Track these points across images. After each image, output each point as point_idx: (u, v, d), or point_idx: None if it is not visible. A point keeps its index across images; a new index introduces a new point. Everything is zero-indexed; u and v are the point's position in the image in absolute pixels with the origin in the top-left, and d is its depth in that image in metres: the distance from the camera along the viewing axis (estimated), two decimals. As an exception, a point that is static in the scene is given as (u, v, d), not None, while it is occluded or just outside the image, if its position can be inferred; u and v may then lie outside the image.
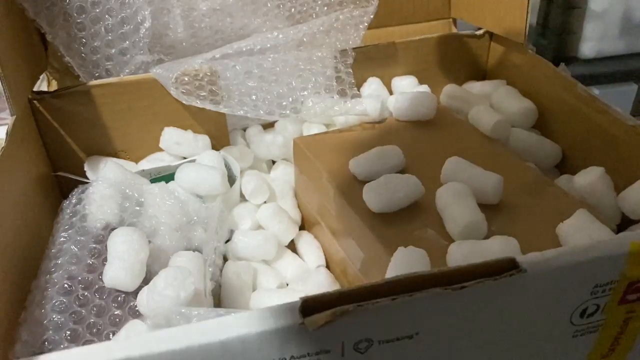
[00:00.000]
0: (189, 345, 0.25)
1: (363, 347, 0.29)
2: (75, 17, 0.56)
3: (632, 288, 0.32)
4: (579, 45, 1.06)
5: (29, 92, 0.55)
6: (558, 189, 0.47)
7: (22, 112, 0.51)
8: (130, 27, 0.58)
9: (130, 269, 0.41)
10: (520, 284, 0.29)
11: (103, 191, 0.48)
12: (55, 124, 0.56)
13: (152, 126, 0.59)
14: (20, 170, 0.48)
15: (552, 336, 0.33)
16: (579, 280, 0.31)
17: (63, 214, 0.49)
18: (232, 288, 0.46)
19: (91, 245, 0.44)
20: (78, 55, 0.58)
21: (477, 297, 0.29)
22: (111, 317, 0.40)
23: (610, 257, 0.30)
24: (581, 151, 0.56)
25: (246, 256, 0.50)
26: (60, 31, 0.57)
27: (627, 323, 0.34)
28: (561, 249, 0.30)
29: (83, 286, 0.41)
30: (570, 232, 0.40)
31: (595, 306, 0.32)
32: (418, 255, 0.38)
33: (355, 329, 0.28)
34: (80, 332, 0.39)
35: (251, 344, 0.26)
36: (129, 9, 0.57)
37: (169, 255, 0.45)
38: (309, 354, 0.27)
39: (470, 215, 0.41)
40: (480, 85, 0.69)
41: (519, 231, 0.42)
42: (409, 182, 0.45)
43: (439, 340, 0.30)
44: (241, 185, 0.56)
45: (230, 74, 0.56)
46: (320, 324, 0.26)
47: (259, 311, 0.26)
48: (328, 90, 0.60)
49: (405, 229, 0.43)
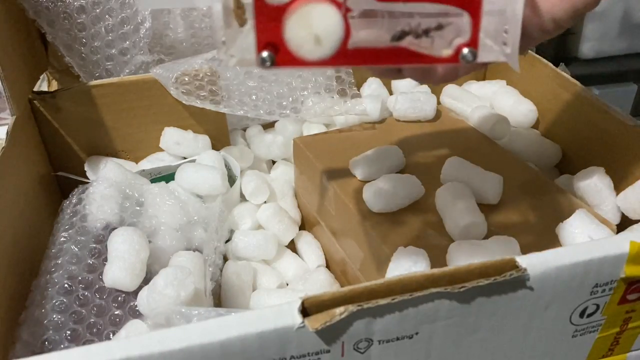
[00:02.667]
0: (189, 345, 0.25)
1: (363, 347, 0.29)
2: (76, 17, 0.56)
3: (631, 288, 0.32)
4: (579, 45, 1.06)
5: (29, 92, 0.55)
6: (558, 189, 0.47)
7: (23, 112, 0.51)
8: (130, 27, 0.58)
9: (131, 269, 0.41)
10: (520, 284, 0.29)
11: (103, 191, 0.48)
12: (56, 124, 0.56)
13: (152, 126, 0.59)
14: (20, 170, 0.48)
15: (551, 336, 0.33)
16: (579, 280, 0.31)
17: (63, 214, 0.49)
18: (232, 288, 0.46)
19: (91, 245, 0.44)
20: (78, 55, 0.58)
21: (477, 297, 0.29)
22: (111, 317, 0.40)
23: (610, 257, 0.30)
24: (581, 151, 0.56)
25: (246, 256, 0.50)
26: (60, 31, 0.57)
27: (627, 323, 0.34)
28: (561, 249, 0.30)
29: (83, 286, 0.41)
30: (570, 232, 0.40)
31: (595, 306, 0.32)
32: (418, 255, 0.38)
33: (355, 329, 0.28)
34: (81, 332, 0.39)
35: (251, 344, 0.26)
36: (129, 9, 0.57)
37: (169, 255, 0.45)
38: (309, 354, 0.27)
39: (470, 216, 0.41)
40: (480, 85, 0.69)
41: (518, 231, 0.41)
42: (409, 182, 0.45)
43: (439, 341, 0.30)
44: (241, 185, 0.56)
45: (230, 74, 0.56)
46: (320, 324, 0.26)
47: (259, 311, 0.26)
48: (328, 90, 0.60)
49: (405, 229, 0.43)
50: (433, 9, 0.24)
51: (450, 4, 0.24)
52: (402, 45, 0.24)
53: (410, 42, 0.24)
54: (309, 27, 0.23)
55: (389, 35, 0.24)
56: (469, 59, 0.24)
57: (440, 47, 0.25)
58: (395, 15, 0.24)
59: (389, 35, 0.24)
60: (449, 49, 0.24)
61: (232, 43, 0.26)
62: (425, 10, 0.24)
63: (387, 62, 0.24)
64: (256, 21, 0.23)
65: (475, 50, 0.24)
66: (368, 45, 0.24)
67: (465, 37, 0.24)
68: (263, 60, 0.24)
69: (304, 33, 0.23)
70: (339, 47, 0.23)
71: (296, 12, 0.23)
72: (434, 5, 0.24)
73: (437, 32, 0.24)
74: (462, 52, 0.24)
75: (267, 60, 0.24)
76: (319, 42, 0.23)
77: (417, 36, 0.24)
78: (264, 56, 0.24)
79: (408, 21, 0.24)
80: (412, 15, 0.24)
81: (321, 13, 0.23)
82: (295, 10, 0.23)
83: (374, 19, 0.24)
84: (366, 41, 0.24)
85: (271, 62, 0.24)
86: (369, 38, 0.24)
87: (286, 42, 0.23)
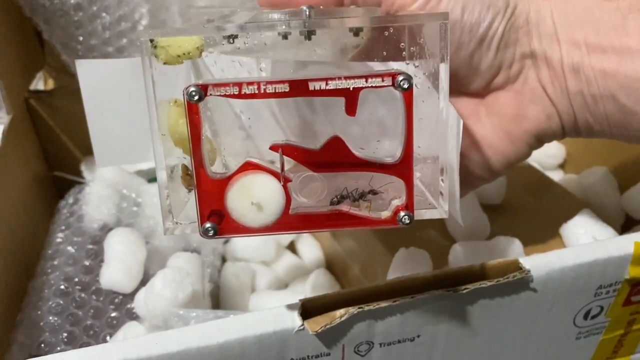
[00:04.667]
0: (187, 347, 0.25)
1: (364, 350, 0.28)
2: (72, 15, 0.56)
3: (636, 289, 0.32)
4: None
5: (25, 90, 0.54)
6: (561, 189, 0.47)
7: (18, 111, 0.51)
8: (127, 25, 0.58)
9: (128, 270, 0.41)
10: (523, 286, 0.29)
11: (100, 191, 0.47)
12: (52, 123, 0.56)
13: (150, 125, 0.58)
14: (16, 170, 0.48)
15: (555, 338, 0.33)
16: (583, 282, 0.30)
17: (59, 214, 0.48)
18: (231, 289, 0.46)
19: (88, 246, 0.44)
20: (75, 53, 0.58)
21: (480, 299, 0.29)
22: (108, 319, 0.40)
23: (614, 257, 0.30)
24: (584, 151, 0.55)
25: (245, 257, 0.50)
26: (57, 29, 0.56)
27: (632, 324, 0.34)
28: (564, 249, 0.30)
29: (80, 287, 0.41)
30: (574, 232, 0.40)
31: (599, 308, 0.32)
32: (420, 256, 0.38)
33: (356, 331, 0.27)
34: (77, 334, 0.39)
35: (250, 347, 0.26)
36: (126, 7, 0.57)
37: (166, 256, 0.45)
38: (309, 357, 0.27)
39: (473, 216, 0.41)
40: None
41: (521, 232, 0.41)
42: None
43: (441, 343, 0.30)
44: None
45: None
46: (320, 326, 0.26)
47: (258, 313, 0.26)
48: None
49: (407, 230, 0.43)
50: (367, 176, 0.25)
51: (383, 173, 0.25)
52: (342, 209, 0.25)
53: (348, 205, 0.25)
54: (250, 197, 0.24)
55: (327, 200, 0.25)
56: (405, 222, 0.25)
57: (378, 209, 0.25)
58: (333, 182, 0.25)
59: (327, 200, 0.25)
60: (387, 211, 0.25)
61: (178, 211, 0.27)
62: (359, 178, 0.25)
63: (328, 227, 0.25)
64: (198, 193, 0.24)
65: (412, 214, 0.25)
66: (309, 210, 0.25)
67: (402, 199, 0.25)
68: (206, 231, 0.24)
69: (245, 202, 0.24)
70: (281, 214, 0.24)
71: (237, 183, 0.24)
72: (367, 174, 0.25)
73: (374, 196, 0.25)
74: (399, 215, 0.25)
75: (210, 230, 0.25)
76: (261, 209, 0.24)
77: (355, 200, 0.25)
78: (207, 227, 0.24)
79: (345, 186, 0.25)
80: (348, 181, 0.25)
81: (261, 183, 0.24)
82: (236, 182, 0.24)
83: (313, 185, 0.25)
84: (307, 206, 0.25)
85: (214, 232, 0.25)
86: (310, 203, 0.25)
87: (229, 211, 0.24)
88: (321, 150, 0.24)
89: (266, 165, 0.24)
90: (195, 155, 0.24)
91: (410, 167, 0.25)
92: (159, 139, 0.26)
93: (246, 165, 0.24)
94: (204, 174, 0.24)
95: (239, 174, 0.24)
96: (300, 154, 0.25)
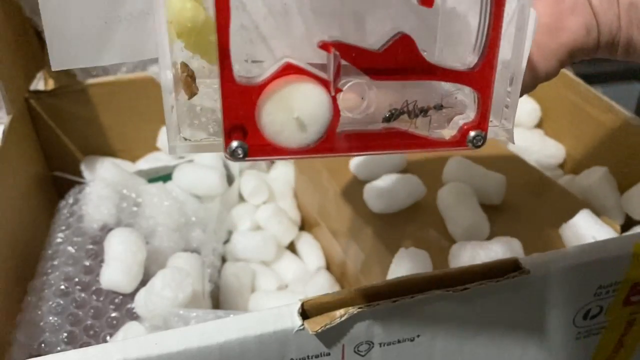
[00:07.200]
0: (187, 347, 0.25)
1: (364, 350, 0.28)
2: (73, 16, 0.56)
3: (636, 289, 0.32)
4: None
5: (25, 91, 0.54)
6: (561, 189, 0.47)
7: (19, 111, 0.51)
8: (128, 26, 0.58)
9: (128, 270, 0.41)
10: (523, 286, 0.29)
11: (100, 191, 0.47)
12: (52, 123, 0.56)
13: (149, 125, 0.58)
14: (16, 170, 0.48)
15: (554, 338, 0.33)
16: (583, 282, 0.30)
17: (59, 215, 0.48)
18: (231, 290, 0.46)
19: (88, 246, 0.44)
20: (75, 53, 0.58)
21: (480, 299, 0.29)
22: (108, 319, 0.40)
23: (614, 257, 0.30)
24: (585, 151, 0.55)
25: (245, 257, 0.50)
26: (57, 29, 0.56)
27: (631, 325, 0.34)
28: (564, 249, 0.30)
29: (80, 288, 0.41)
30: (574, 232, 0.40)
31: (598, 308, 0.32)
32: (420, 257, 0.38)
33: (356, 331, 0.27)
34: (77, 334, 0.39)
35: (250, 347, 0.26)
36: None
37: (166, 256, 0.45)
38: (309, 357, 0.27)
39: (473, 216, 0.41)
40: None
41: (521, 232, 0.41)
42: (410, 182, 0.44)
43: (441, 343, 0.30)
44: (240, 185, 0.56)
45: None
46: (320, 326, 0.26)
47: (258, 313, 0.26)
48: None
49: (407, 230, 0.43)
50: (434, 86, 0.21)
51: (457, 82, 0.20)
52: (399, 127, 0.21)
53: (405, 122, 0.21)
54: (291, 110, 0.19)
55: (379, 116, 0.21)
56: (477, 144, 0.21)
57: (441, 128, 0.21)
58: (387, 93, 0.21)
59: (379, 116, 0.21)
60: (451, 130, 0.21)
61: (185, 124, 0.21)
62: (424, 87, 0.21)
63: (381, 148, 0.21)
64: (223, 103, 0.19)
65: (485, 133, 0.21)
66: (358, 128, 0.21)
67: (469, 116, 0.21)
68: (234, 152, 0.20)
69: (285, 117, 0.19)
70: (325, 133, 0.20)
71: (275, 92, 0.19)
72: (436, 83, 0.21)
73: (437, 112, 0.21)
74: (469, 136, 0.21)
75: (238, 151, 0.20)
76: (303, 126, 0.20)
77: (414, 116, 0.21)
78: (234, 146, 0.19)
79: (403, 98, 0.21)
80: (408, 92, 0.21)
81: (307, 93, 0.19)
82: (274, 91, 0.19)
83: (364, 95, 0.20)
84: (356, 123, 0.21)
85: (244, 153, 0.20)
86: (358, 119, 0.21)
87: (262, 127, 0.19)
88: (384, 52, 0.19)
89: (311, 70, 0.19)
90: (222, 51, 0.18)
91: (490, 77, 0.20)
92: (164, 28, 0.19)
93: (286, 69, 0.19)
94: (231, 76, 0.19)
95: (277, 79, 0.19)
96: (358, 56, 0.19)
